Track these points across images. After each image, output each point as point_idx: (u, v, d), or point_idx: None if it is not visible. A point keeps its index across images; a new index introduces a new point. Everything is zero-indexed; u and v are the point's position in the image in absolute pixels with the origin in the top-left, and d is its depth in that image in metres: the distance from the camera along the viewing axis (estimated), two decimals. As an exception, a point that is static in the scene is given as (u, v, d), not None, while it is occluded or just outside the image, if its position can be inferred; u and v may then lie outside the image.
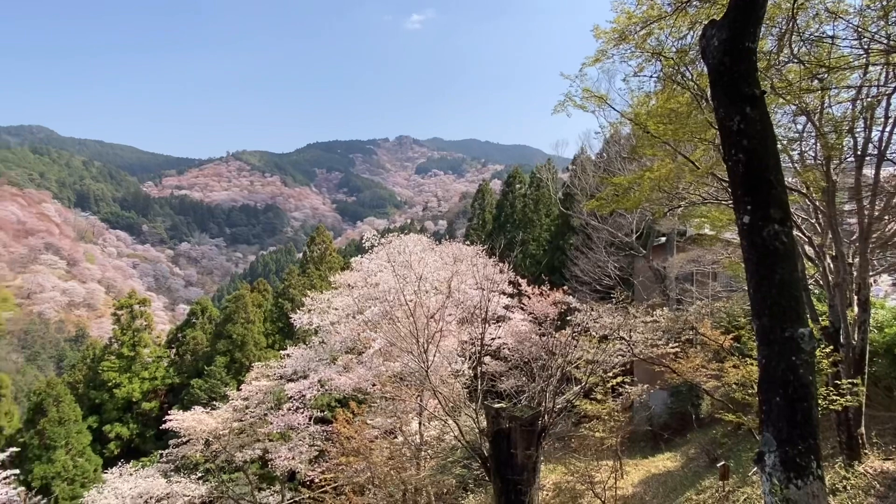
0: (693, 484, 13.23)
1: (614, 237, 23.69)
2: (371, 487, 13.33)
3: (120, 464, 21.51)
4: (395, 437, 14.41)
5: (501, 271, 14.92)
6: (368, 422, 14.71)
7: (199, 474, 19.38)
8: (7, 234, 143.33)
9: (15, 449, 18.76)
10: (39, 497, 18.75)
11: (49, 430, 25.11)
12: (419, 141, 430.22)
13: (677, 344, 13.23)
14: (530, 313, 15.62)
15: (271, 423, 18.31)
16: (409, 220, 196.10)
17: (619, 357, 11.98)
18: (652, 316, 13.04)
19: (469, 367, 12.79)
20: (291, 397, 17.65)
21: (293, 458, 18.33)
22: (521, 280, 16.39)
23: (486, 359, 14.18)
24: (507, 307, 15.97)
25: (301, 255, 56.22)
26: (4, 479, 13.29)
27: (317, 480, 15.39)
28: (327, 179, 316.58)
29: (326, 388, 16.89)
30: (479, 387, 7.99)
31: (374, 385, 14.88)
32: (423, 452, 12.74)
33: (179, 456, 19.55)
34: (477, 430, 7.77)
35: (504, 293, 15.79)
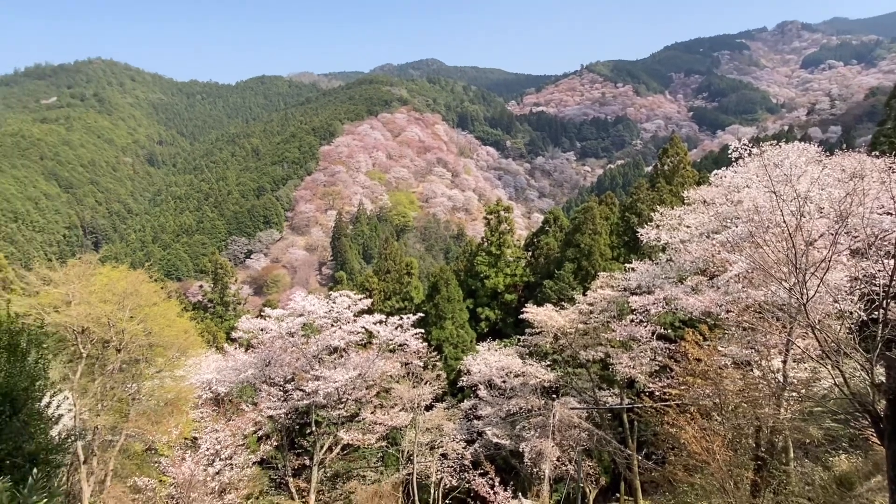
0: None
1: None
2: (717, 415, 12.70)
3: (488, 340, 26.37)
4: (751, 370, 13.12)
5: (927, 191, 11.12)
6: (720, 348, 13.77)
7: (548, 363, 22.13)
8: (413, 150, 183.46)
9: (421, 314, 24.89)
10: (435, 353, 24.83)
11: (441, 305, 32.35)
12: (810, 26, 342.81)
13: None
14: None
15: (614, 331, 19.21)
16: (785, 127, 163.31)
17: None
18: None
19: (862, 310, 10.34)
20: (634, 310, 18.01)
21: (633, 368, 19.01)
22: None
23: (891, 304, 11.18)
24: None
25: (650, 168, 54.05)
26: (415, 334, 18.21)
27: (657, 393, 15.58)
28: (684, 84, 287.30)
29: (672, 306, 16.51)
30: (880, 334, 6.42)
31: (727, 311, 13.70)
32: (785, 393, 11.26)
33: (532, 343, 22.70)
34: (867, 384, 6.37)
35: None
